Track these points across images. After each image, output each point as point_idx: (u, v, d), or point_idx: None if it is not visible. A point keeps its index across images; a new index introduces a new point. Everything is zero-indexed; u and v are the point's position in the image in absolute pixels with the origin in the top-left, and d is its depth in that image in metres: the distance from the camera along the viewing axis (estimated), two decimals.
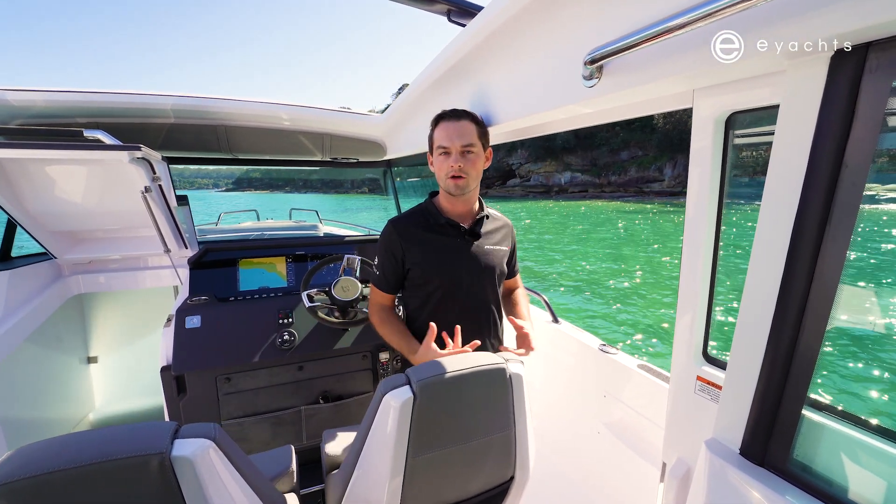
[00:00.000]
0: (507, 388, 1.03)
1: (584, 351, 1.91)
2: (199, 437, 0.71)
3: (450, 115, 1.33)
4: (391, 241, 1.40)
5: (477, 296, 1.43)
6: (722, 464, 0.85)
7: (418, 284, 1.42)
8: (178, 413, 1.87)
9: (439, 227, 1.40)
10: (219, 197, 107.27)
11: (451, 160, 1.31)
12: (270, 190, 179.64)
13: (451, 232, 1.41)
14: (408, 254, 1.39)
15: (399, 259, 1.40)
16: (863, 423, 0.77)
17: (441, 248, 1.39)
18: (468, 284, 1.41)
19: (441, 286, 1.40)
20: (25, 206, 2.02)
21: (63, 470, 0.61)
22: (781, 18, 0.65)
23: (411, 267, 1.40)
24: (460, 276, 1.39)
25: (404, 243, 1.38)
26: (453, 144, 1.31)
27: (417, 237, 1.39)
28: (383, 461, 0.95)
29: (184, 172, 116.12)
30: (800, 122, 0.70)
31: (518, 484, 1.14)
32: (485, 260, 1.43)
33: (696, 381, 1.03)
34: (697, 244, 0.99)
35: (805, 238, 0.70)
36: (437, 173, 1.37)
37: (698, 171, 0.97)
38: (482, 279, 1.43)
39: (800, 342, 0.73)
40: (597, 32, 0.97)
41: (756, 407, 0.81)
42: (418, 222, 1.42)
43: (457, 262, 1.39)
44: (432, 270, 1.39)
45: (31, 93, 1.86)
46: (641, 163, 49.04)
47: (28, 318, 2.11)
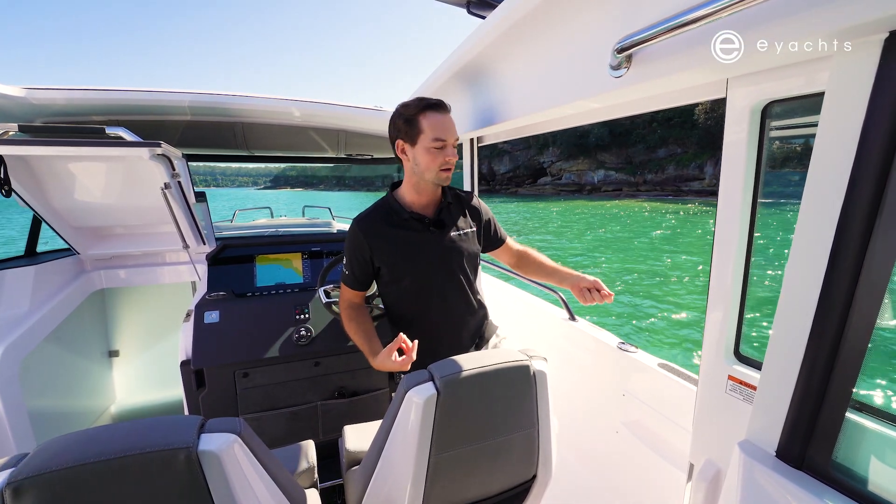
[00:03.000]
0: (530, 386, 1.01)
1: (602, 349, 1.88)
2: (225, 432, 0.71)
3: (442, 106, 1.31)
4: (357, 241, 1.38)
5: (450, 285, 1.43)
6: (757, 466, 0.82)
7: (389, 281, 1.42)
8: (197, 407, 1.90)
9: (403, 221, 1.38)
10: (258, 195, 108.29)
11: (448, 153, 1.30)
12: (305, 188, 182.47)
13: (415, 226, 1.39)
14: (375, 252, 1.37)
15: (367, 258, 1.39)
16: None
17: (407, 244, 1.38)
18: (440, 276, 1.41)
19: (413, 282, 1.39)
20: (51, 203, 2.06)
21: (92, 462, 0.62)
22: (828, 0, 0.61)
23: (381, 265, 1.39)
24: (430, 269, 1.39)
25: (370, 241, 1.36)
26: (449, 138, 1.30)
27: (383, 234, 1.37)
28: (406, 458, 0.94)
29: (226, 171, 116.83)
30: (848, 111, 0.66)
31: (540, 483, 1.12)
32: (452, 248, 1.42)
33: (727, 381, 0.99)
34: (730, 240, 0.96)
35: (851, 233, 0.67)
36: (424, 164, 1.31)
37: (732, 164, 0.93)
38: (452, 268, 1.42)
39: (844, 341, 0.70)
40: (626, 20, 0.94)
41: (795, 407, 0.78)
42: (381, 219, 1.39)
43: (425, 257, 1.39)
44: (402, 267, 1.39)
45: (52, 91, 1.90)
46: (680, 160, 47.38)
47: (53, 313, 2.15)
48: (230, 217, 5.86)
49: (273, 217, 6.04)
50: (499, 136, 1.99)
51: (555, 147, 59.73)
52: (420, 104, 1.30)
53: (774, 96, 0.84)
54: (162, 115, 2.18)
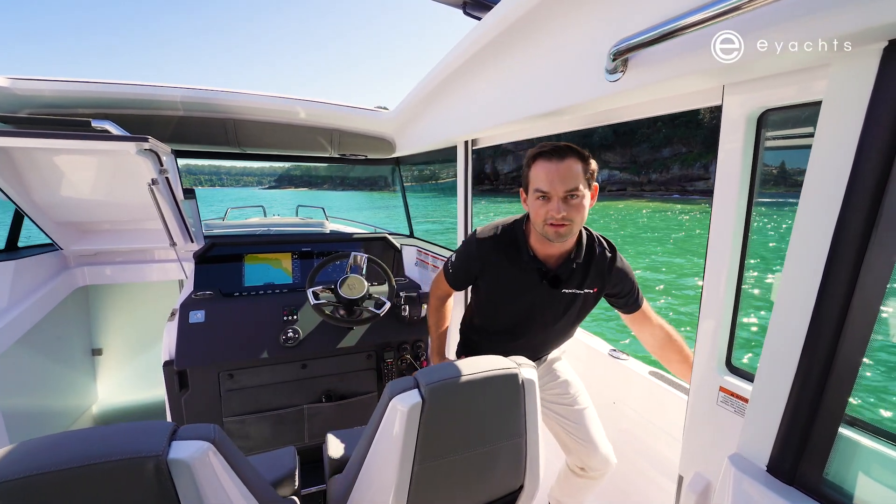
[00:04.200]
0: (519, 394, 0.99)
1: (593, 356, 1.86)
2: (198, 439, 0.67)
3: (551, 153, 1.17)
4: (471, 258, 1.40)
5: (538, 330, 1.42)
6: (747, 481, 0.80)
7: (484, 300, 1.45)
8: (179, 409, 1.85)
9: (522, 263, 1.31)
10: (263, 194, 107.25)
11: (552, 207, 1.16)
12: (309, 187, 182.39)
13: (531, 272, 1.31)
14: (482, 277, 1.40)
15: (473, 275, 1.44)
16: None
17: (515, 285, 1.35)
18: (533, 324, 1.40)
19: (503, 316, 1.42)
20: (32, 197, 2.01)
21: (55, 471, 0.58)
22: (828, 6, 0.60)
23: (482, 287, 1.44)
24: (526, 315, 1.38)
25: (482, 267, 1.38)
26: (555, 189, 1.15)
27: (496, 266, 1.35)
28: (389, 467, 0.91)
29: (231, 171, 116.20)
30: (845, 120, 0.65)
31: (527, 494, 1.10)
32: (558, 306, 1.34)
33: (718, 392, 0.98)
34: (723, 248, 0.94)
35: (848, 243, 0.65)
36: (532, 215, 1.24)
37: (726, 173, 0.92)
38: (547, 321, 1.39)
39: (838, 354, 0.68)
40: (623, 23, 0.93)
41: (787, 421, 0.76)
42: (503, 249, 1.34)
43: (527, 304, 1.36)
44: (499, 303, 1.40)
45: (39, 82, 1.85)
46: (685, 160, 47.22)
47: (33, 309, 2.09)
48: (222, 215, 5.80)
49: (266, 216, 5.98)
50: (494, 138, 1.97)
51: None
52: (535, 153, 1.20)
53: (770, 104, 0.83)
54: (151, 109, 2.14)
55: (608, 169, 54.93)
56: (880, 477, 0.72)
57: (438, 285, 1.57)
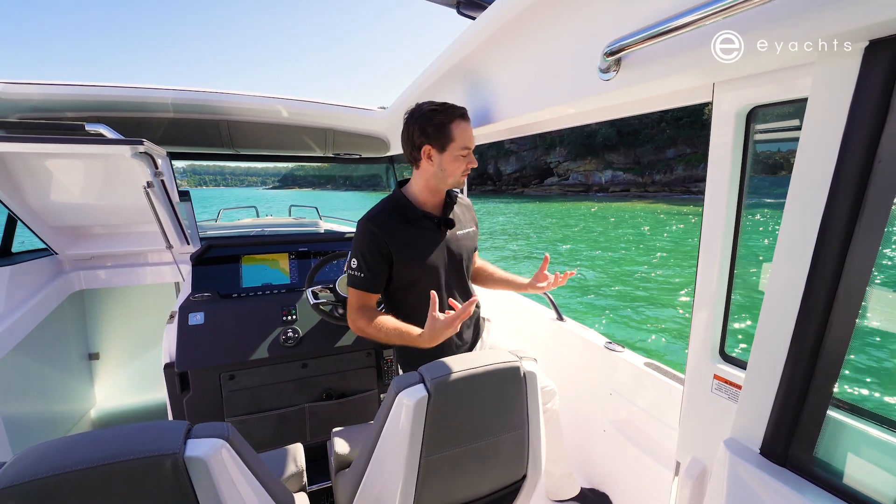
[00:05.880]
0: (521, 387, 1.02)
1: (589, 349, 1.90)
2: (213, 437, 0.69)
3: (467, 116, 1.36)
4: (372, 238, 1.32)
5: (456, 281, 1.47)
6: (742, 464, 0.84)
7: (399, 282, 1.39)
8: (181, 410, 1.86)
9: (416, 220, 1.39)
10: (268, 194, 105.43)
11: (469, 160, 1.37)
12: (313, 187, 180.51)
13: (427, 224, 1.41)
14: (394, 250, 1.33)
15: (386, 256, 1.34)
16: (890, 424, 0.76)
17: (424, 242, 1.39)
18: (450, 274, 1.44)
19: (422, 280, 1.38)
20: (26, 201, 1.99)
21: (73, 471, 0.60)
22: (812, 7, 0.63)
23: (397, 264, 1.35)
24: (442, 266, 1.41)
25: (388, 240, 1.32)
26: (472, 146, 1.37)
27: (397, 231, 1.35)
28: (397, 460, 0.93)
29: (235, 171, 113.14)
30: (830, 116, 0.68)
31: (530, 483, 1.13)
32: (460, 246, 1.47)
33: (712, 380, 1.01)
34: (715, 241, 0.97)
35: (833, 234, 0.68)
36: (450, 170, 1.35)
37: (717, 167, 0.95)
38: (459, 265, 1.47)
39: (826, 341, 0.72)
40: (615, 23, 0.95)
41: (778, 406, 0.79)
42: (393, 216, 1.37)
43: (436, 255, 1.41)
44: (417, 266, 1.37)
45: (29, 86, 1.83)
46: (689, 161, 46.37)
47: (29, 315, 2.08)
48: (214, 216, 5.75)
49: (259, 216, 5.95)
50: (489, 136, 1.99)
51: (562, 147, 59.26)
52: (452, 112, 1.33)
53: (759, 101, 0.86)
54: (144, 111, 2.12)
55: (612, 169, 54.36)
56: (866, 455, 0.76)
57: (358, 303, 1.37)
